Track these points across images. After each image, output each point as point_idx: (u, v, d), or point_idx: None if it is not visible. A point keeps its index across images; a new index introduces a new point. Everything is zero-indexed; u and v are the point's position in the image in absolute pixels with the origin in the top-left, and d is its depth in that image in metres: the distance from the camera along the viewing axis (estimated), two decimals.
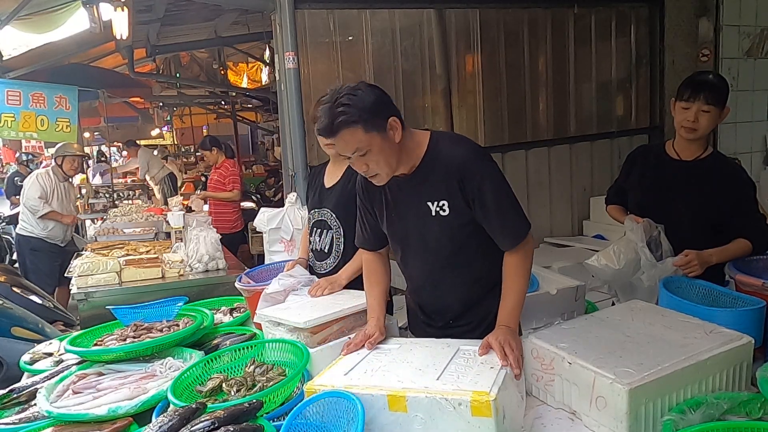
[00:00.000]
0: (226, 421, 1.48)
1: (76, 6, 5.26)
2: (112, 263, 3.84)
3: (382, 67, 4.44)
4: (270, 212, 3.89)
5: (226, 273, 4.01)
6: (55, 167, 5.79)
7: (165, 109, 14.66)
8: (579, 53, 5.16)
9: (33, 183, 5.61)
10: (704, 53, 5.55)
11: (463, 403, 1.39)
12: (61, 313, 4.54)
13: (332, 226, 2.61)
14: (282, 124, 4.29)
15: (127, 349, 2.04)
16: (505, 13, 4.84)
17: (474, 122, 4.83)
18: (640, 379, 1.43)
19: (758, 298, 1.90)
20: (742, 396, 1.44)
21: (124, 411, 1.69)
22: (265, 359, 1.96)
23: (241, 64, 11.61)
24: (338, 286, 2.36)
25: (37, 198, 5.50)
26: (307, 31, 4.15)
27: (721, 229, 2.30)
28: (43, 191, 5.56)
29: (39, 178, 5.65)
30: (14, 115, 6.42)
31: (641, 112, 5.59)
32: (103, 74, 8.26)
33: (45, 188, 5.58)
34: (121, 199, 8.28)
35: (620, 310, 1.92)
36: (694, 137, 2.35)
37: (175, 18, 6.33)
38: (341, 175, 2.63)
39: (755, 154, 5.85)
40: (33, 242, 5.64)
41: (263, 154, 16.62)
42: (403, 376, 1.54)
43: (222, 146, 5.97)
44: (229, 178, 5.80)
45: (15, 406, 1.96)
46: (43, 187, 5.57)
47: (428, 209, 1.87)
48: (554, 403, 1.64)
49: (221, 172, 5.87)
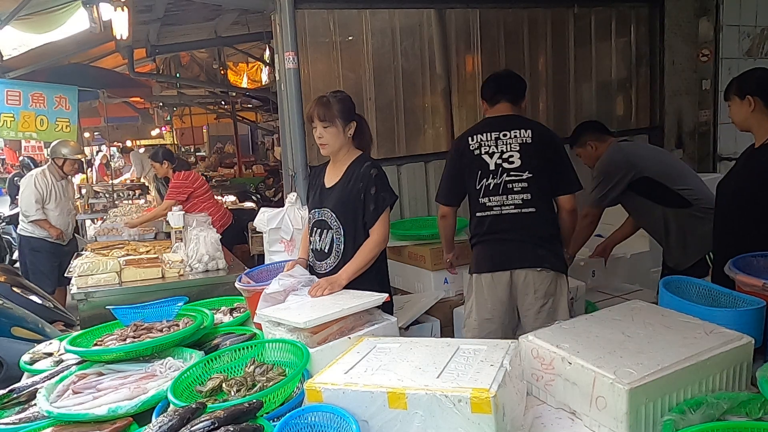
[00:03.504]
0: (226, 421, 1.48)
1: (76, 6, 5.26)
2: (112, 263, 3.84)
3: (382, 67, 4.44)
4: (270, 212, 3.89)
5: (226, 273, 4.02)
6: (52, 166, 5.71)
7: (165, 109, 14.67)
8: (579, 53, 5.16)
9: (28, 186, 5.55)
10: (704, 53, 5.56)
11: (463, 399, 1.39)
12: (61, 313, 4.54)
13: (332, 226, 2.61)
14: (282, 124, 4.29)
15: (127, 349, 2.04)
16: (505, 13, 4.84)
17: (474, 122, 4.78)
18: (640, 379, 1.43)
19: (758, 298, 1.90)
20: (742, 396, 1.44)
21: (124, 411, 1.69)
22: (265, 359, 1.96)
23: (241, 64, 11.61)
24: (338, 286, 2.37)
25: (33, 202, 5.45)
26: (307, 31, 4.16)
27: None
28: (39, 195, 5.49)
29: (35, 180, 5.56)
30: (14, 115, 6.42)
31: (641, 112, 5.59)
32: (103, 74, 8.26)
33: (41, 191, 5.51)
34: (121, 199, 8.27)
35: (620, 310, 1.92)
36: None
37: (175, 18, 6.34)
38: (341, 175, 2.63)
39: None
40: (33, 242, 5.61)
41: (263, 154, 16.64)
42: (403, 374, 1.54)
43: (174, 159, 5.85)
44: (169, 190, 5.58)
45: (15, 406, 1.96)
46: (39, 191, 5.50)
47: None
48: (554, 403, 1.64)
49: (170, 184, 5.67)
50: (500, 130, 2.80)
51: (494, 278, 2.77)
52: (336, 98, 2.58)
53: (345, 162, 2.65)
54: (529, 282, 2.73)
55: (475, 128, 2.91)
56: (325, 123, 2.54)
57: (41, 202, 5.51)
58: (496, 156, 2.77)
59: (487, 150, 2.79)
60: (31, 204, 5.46)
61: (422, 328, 3.49)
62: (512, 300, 2.79)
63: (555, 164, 2.79)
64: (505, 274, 2.75)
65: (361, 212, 2.56)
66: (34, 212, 5.47)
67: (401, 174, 4.55)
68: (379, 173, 2.58)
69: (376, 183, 2.55)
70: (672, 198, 3.22)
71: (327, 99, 2.57)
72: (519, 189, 2.74)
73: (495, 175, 2.77)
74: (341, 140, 2.59)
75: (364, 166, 2.59)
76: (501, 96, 2.91)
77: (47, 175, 5.64)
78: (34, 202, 5.45)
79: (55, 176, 5.67)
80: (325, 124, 2.54)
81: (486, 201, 2.79)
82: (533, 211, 2.75)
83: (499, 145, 2.78)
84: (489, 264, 2.80)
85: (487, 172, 2.78)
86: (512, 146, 2.77)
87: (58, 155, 5.71)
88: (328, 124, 2.54)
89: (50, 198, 5.58)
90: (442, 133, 4.74)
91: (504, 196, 2.75)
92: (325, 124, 2.54)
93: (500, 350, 1.62)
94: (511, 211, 2.75)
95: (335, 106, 2.55)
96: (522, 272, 2.74)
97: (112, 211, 6.55)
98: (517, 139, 2.78)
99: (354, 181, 2.58)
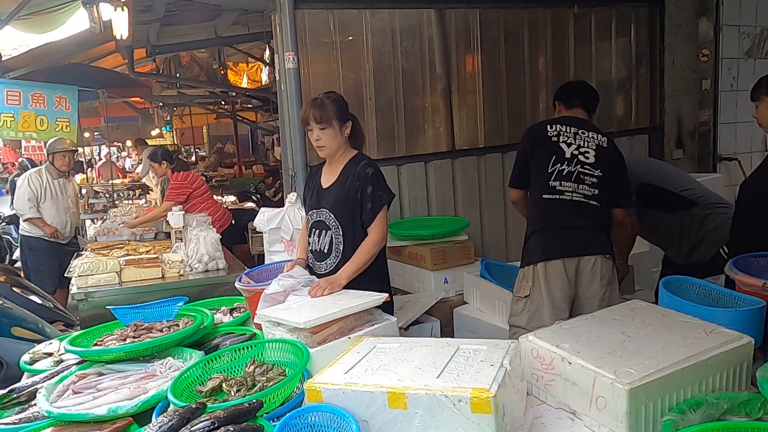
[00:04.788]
0: (226, 421, 1.48)
1: (76, 6, 5.27)
2: (112, 263, 3.85)
3: (382, 67, 4.44)
4: (270, 212, 3.89)
5: (226, 273, 4.02)
6: (49, 165, 5.70)
7: (165, 109, 14.67)
8: (579, 53, 5.16)
9: (22, 185, 5.56)
10: (704, 53, 5.56)
11: (462, 399, 1.39)
12: (61, 313, 4.54)
13: (331, 226, 2.61)
14: (282, 124, 4.29)
15: (127, 349, 2.04)
16: (505, 13, 4.84)
17: (474, 122, 4.83)
18: (640, 379, 1.43)
19: (758, 298, 1.90)
20: (742, 396, 1.44)
21: (124, 411, 1.69)
22: (265, 359, 1.96)
23: (241, 64, 11.61)
24: (338, 286, 2.37)
25: (26, 200, 5.47)
26: (307, 31, 4.15)
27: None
28: (32, 194, 5.50)
29: (29, 180, 5.57)
30: (14, 115, 6.42)
31: (641, 112, 5.59)
32: (103, 74, 8.25)
33: (35, 190, 5.52)
34: (121, 199, 8.27)
35: (620, 310, 1.92)
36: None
37: (175, 18, 6.33)
38: (338, 175, 2.63)
39: (755, 154, 5.85)
40: (31, 241, 5.61)
41: (263, 154, 16.62)
42: (403, 374, 1.54)
43: (173, 160, 5.86)
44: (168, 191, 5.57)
45: (15, 406, 1.96)
46: (32, 190, 5.51)
47: None
48: (554, 403, 1.64)
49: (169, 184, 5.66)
50: (579, 128, 2.88)
51: (565, 264, 2.74)
52: (330, 99, 2.57)
53: (341, 162, 2.64)
54: (597, 268, 2.73)
55: (554, 119, 2.97)
56: (321, 125, 2.53)
57: (35, 200, 5.51)
58: (573, 147, 2.84)
59: (566, 140, 2.85)
60: (24, 202, 5.48)
61: (422, 328, 3.50)
62: (572, 288, 2.77)
63: (619, 177, 2.88)
64: (575, 260, 2.74)
65: (358, 211, 2.56)
66: (27, 210, 5.48)
67: (401, 174, 4.55)
68: (376, 172, 2.58)
69: (373, 182, 2.54)
70: (680, 202, 3.24)
71: (321, 100, 2.56)
72: (590, 183, 2.80)
73: (570, 163, 2.81)
74: (339, 141, 2.59)
75: (360, 165, 2.59)
76: (577, 101, 3.02)
77: (43, 174, 5.64)
78: (27, 200, 5.47)
79: (52, 174, 5.66)
80: (322, 126, 2.53)
81: (557, 185, 2.80)
82: (598, 206, 2.79)
83: (577, 139, 2.85)
84: (560, 250, 2.75)
85: (563, 158, 2.82)
86: (589, 144, 2.85)
87: (50, 151, 5.71)
88: (325, 125, 2.54)
89: (45, 196, 5.57)
90: (442, 133, 4.74)
91: (576, 184, 2.79)
92: (321, 126, 2.53)
93: (500, 350, 1.62)
94: (581, 200, 2.78)
95: (330, 107, 2.54)
96: (591, 258, 2.74)
97: (112, 211, 6.54)
98: (595, 141, 2.86)
99: (351, 180, 2.58)
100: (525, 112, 5.01)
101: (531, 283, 2.79)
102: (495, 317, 3.31)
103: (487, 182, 4.85)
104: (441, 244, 3.86)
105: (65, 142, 5.80)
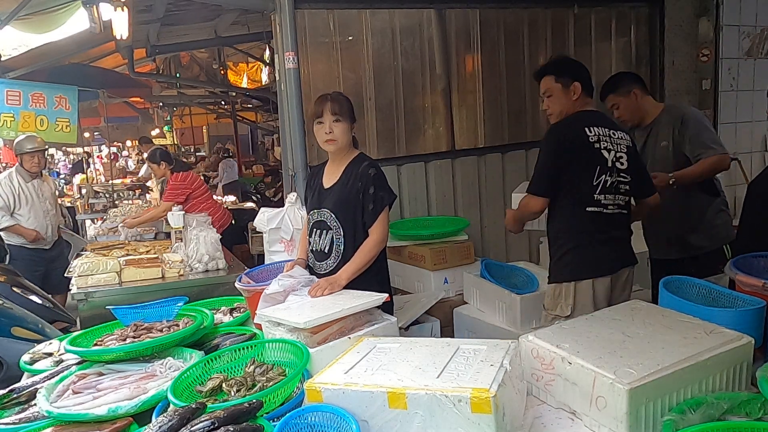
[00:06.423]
0: (226, 421, 1.48)
1: (76, 6, 5.27)
2: (112, 263, 3.84)
3: (382, 67, 4.44)
4: (270, 212, 3.89)
5: (226, 273, 4.02)
6: (19, 167, 5.17)
7: (165, 109, 14.68)
8: (579, 53, 5.15)
9: None
10: (704, 53, 5.55)
11: (463, 399, 1.39)
12: (61, 313, 4.54)
13: (332, 227, 2.61)
14: (282, 124, 4.29)
15: (127, 349, 2.04)
16: (505, 13, 4.84)
17: (474, 122, 4.83)
18: (640, 379, 1.43)
19: (758, 298, 1.90)
20: (742, 396, 1.44)
21: (124, 411, 1.69)
22: (265, 359, 1.96)
23: (241, 64, 11.63)
24: (338, 286, 2.37)
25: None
26: (307, 31, 4.15)
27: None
28: (4, 202, 5.00)
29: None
30: (14, 115, 6.43)
31: None
32: (103, 74, 8.27)
33: (6, 198, 5.02)
34: (121, 199, 8.27)
35: (620, 310, 1.92)
36: None
37: (175, 18, 6.33)
38: (340, 175, 2.63)
39: (755, 154, 5.85)
40: (13, 251, 5.11)
41: (263, 154, 16.63)
42: (403, 374, 1.54)
43: (172, 161, 5.82)
44: (167, 192, 5.53)
45: (15, 406, 1.96)
46: (4, 199, 5.01)
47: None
48: (554, 403, 1.64)
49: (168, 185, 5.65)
50: (610, 128, 2.69)
51: (612, 280, 2.66)
52: (343, 97, 2.64)
53: (343, 162, 2.65)
54: (630, 279, 2.72)
55: (587, 119, 2.67)
56: (336, 117, 2.56)
57: (7, 209, 5.02)
58: (612, 154, 2.63)
59: (606, 146, 2.63)
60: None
61: (422, 328, 3.49)
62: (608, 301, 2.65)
63: (643, 169, 2.83)
64: (616, 274, 2.67)
65: (360, 212, 2.56)
66: (1, 220, 5.00)
67: (401, 174, 4.54)
68: (378, 173, 2.58)
69: (375, 182, 2.55)
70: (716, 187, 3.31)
71: (338, 94, 2.63)
72: (624, 190, 2.68)
73: (611, 173, 2.63)
74: (347, 138, 2.63)
75: (362, 165, 2.59)
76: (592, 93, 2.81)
77: (14, 178, 5.11)
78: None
79: (24, 177, 5.14)
80: (337, 118, 2.56)
81: (602, 198, 2.62)
82: (627, 214, 2.75)
83: (614, 144, 2.66)
84: (606, 266, 2.65)
85: (606, 168, 2.62)
86: (621, 147, 2.68)
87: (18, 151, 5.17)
88: (340, 119, 2.57)
89: (20, 202, 5.10)
90: (442, 133, 4.74)
91: (614, 195, 2.65)
92: (336, 118, 2.56)
93: (500, 350, 1.62)
94: (615, 211, 2.67)
95: (345, 104, 2.60)
96: (626, 270, 2.72)
97: (112, 211, 6.54)
98: (624, 141, 2.70)
99: (352, 180, 2.58)
100: (525, 112, 5.01)
101: (572, 301, 2.62)
102: (495, 317, 3.31)
103: (487, 182, 4.84)
104: (441, 244, 3.85)
105: (35, 141, 5.22)
